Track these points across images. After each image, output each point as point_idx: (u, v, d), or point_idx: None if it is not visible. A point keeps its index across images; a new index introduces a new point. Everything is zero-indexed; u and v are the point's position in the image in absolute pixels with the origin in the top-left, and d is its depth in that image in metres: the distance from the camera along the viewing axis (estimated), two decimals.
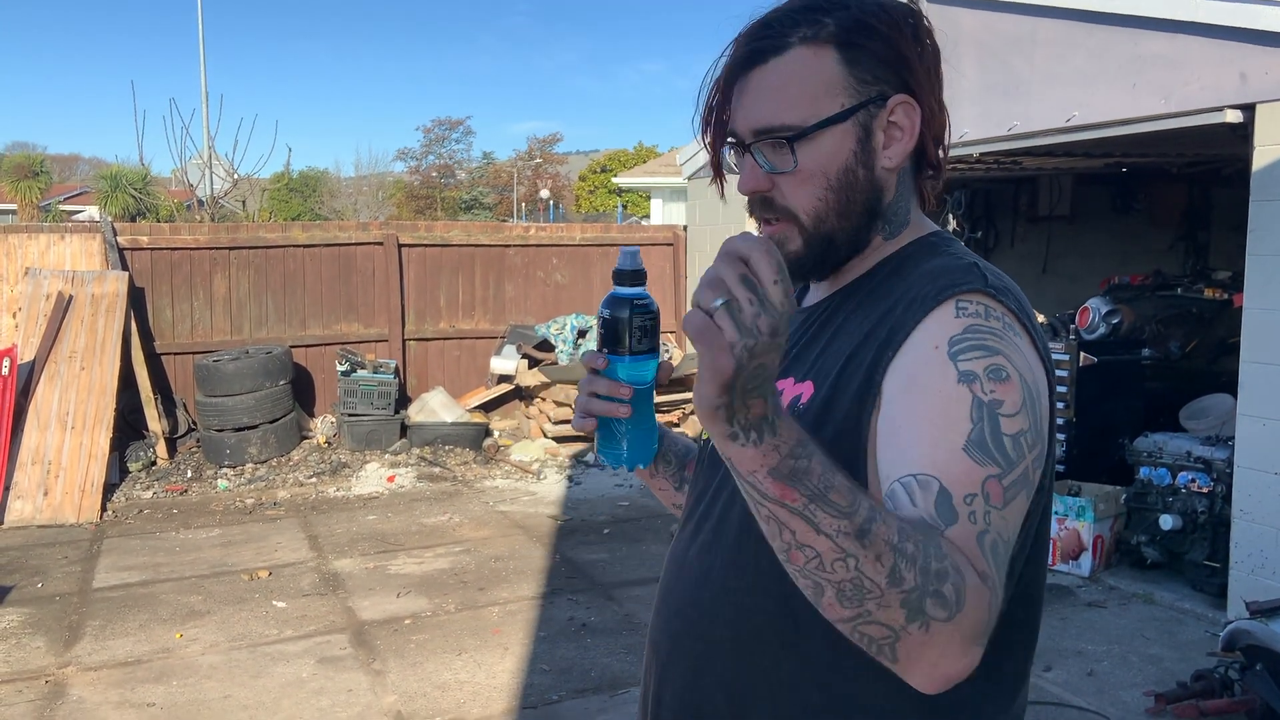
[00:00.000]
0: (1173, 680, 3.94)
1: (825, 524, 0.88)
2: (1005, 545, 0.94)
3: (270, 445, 7.79)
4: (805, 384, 1.13)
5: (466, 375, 9.24)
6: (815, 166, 1.11)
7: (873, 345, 1.07)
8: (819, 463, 0.90)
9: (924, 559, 0.88)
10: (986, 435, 0.96)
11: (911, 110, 1.12)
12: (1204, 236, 8.34)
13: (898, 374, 1.03)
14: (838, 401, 1.07)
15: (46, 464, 6.60)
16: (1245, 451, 4.61)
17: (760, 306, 0.84)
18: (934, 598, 0.88)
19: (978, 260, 1.11)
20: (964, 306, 1.03)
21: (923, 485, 0.94)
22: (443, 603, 5.00)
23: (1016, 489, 0.96)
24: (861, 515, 0.88)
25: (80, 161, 53.78)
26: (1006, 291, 1.07)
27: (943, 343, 1.01)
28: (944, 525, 0.92)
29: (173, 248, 8.21)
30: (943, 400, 0.98)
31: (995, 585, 0.91)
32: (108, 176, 18.84)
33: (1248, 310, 4.60)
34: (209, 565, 5.59)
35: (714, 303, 0.85)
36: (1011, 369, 1.00)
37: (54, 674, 4.18)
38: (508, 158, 54.40)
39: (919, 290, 1.07)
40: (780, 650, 1.08)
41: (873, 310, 1.11)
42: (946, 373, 0.99)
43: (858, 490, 0.91)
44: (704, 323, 0.84)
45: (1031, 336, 1.06)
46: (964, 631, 0.89)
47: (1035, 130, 5.58)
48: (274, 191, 25.89)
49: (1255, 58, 4.46)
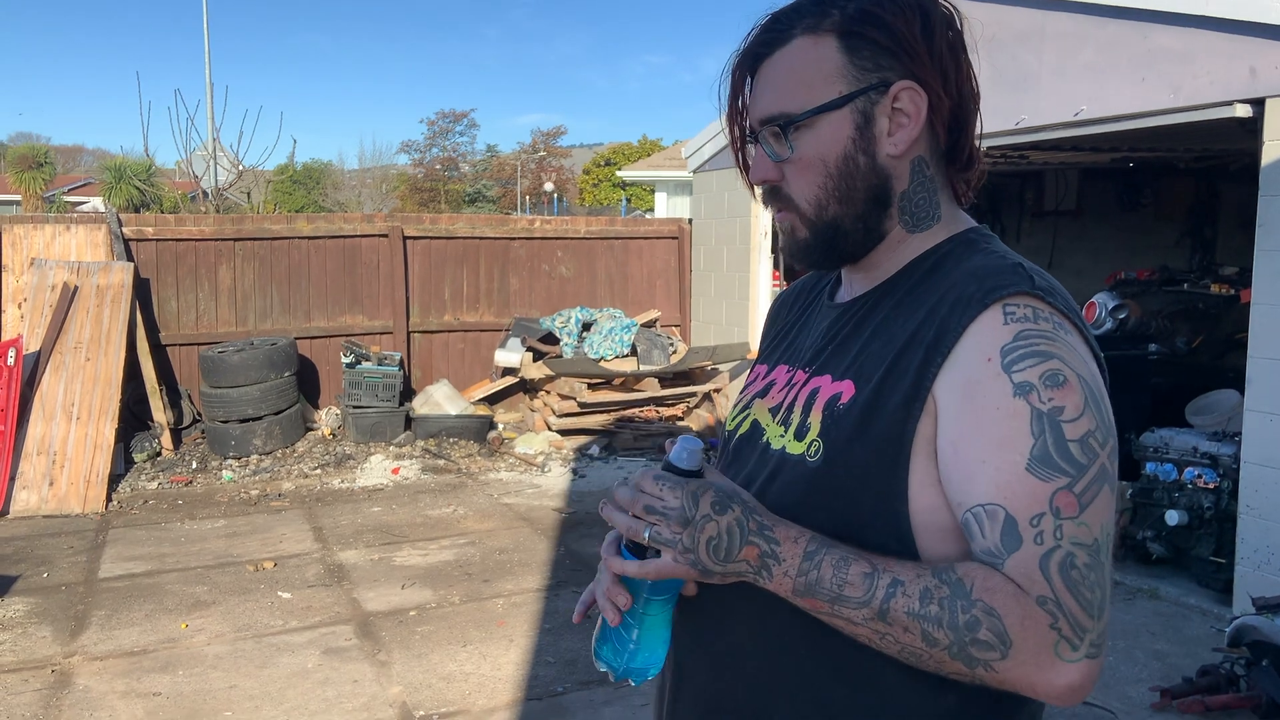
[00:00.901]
0: (1178, 676, 3.93)
1: (853, 616, 1.00)
2: (1088, 549, 0.96)
3: (275, 437, 7.80)
4: (844, 383, 1.12)
5: (471, 368, 9.25)
6: (813, 154, 1.12)
7: (919, 348, 1.05)
8: (829, 564, 1.01)
9: (951, 616, 0.95)
10: (1050, 447, 0.97)
11: (917, 96, 1.11)
12: (1210, 232, 8.33)
13: (952, 388, 1.02)
14: (883, 405, 1.06)
15: (52, 454, 6.61)
16: (1252, 447, 4.60)
17: (664, 516, 1.03)
18: (975, 646, 0.95)
19: (1022, 260, 1.10)
20: (1011, 311, 1.02)
21: (990, 515, 0.98)
22: (447, 594, 5.01)
23: (1095, 490, 0.97)
24: (879, 598, 0.98)
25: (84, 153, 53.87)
26: (1053, 291, 1.06)
27: (995, 354, 1.00)
28: (1006, 554, 0.96)
29: (178, 239, 8.21)
30: (1002, 417, 0.99)
31: (1062, 602, 0.94)
32: (112, 168, 18.88)
33: (1256, 305, 4.58)
34: (214, 556, 5.59)
35: (644, 534, 1.04)
36: (1068, 371, 1.00)
37: (60, 663, 4.19)
38: (512, 150, 54.36)
39: (964, 290, 1.06)
40: (803, 649, 1.08)
41: (916, 309, 1.10)
42: (1003, 387, 0.99)
43: (873, 570, 0.99)
44: (657, 565, 1.05)
45: (1083, 333, 1.06)
46: (1033, 658, 0.94)
47: (1043, 124, 5.56)
48: (278, 183, 25.90)
49: (1266, 52, 4.44)
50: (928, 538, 1.04)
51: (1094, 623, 0.95)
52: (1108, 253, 8.61)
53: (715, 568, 1.04)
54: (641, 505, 1.05)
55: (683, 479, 1.05)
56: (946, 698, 1.04)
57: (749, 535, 1.04)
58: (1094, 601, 0.95)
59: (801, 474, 1.10)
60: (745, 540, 1.03)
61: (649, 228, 10.26)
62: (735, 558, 1.03)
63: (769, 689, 1.12)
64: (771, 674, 1.12)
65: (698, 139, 9.11)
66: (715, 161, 8.76)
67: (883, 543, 1.04)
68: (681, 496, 1.03)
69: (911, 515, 1.04)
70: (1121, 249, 8.61)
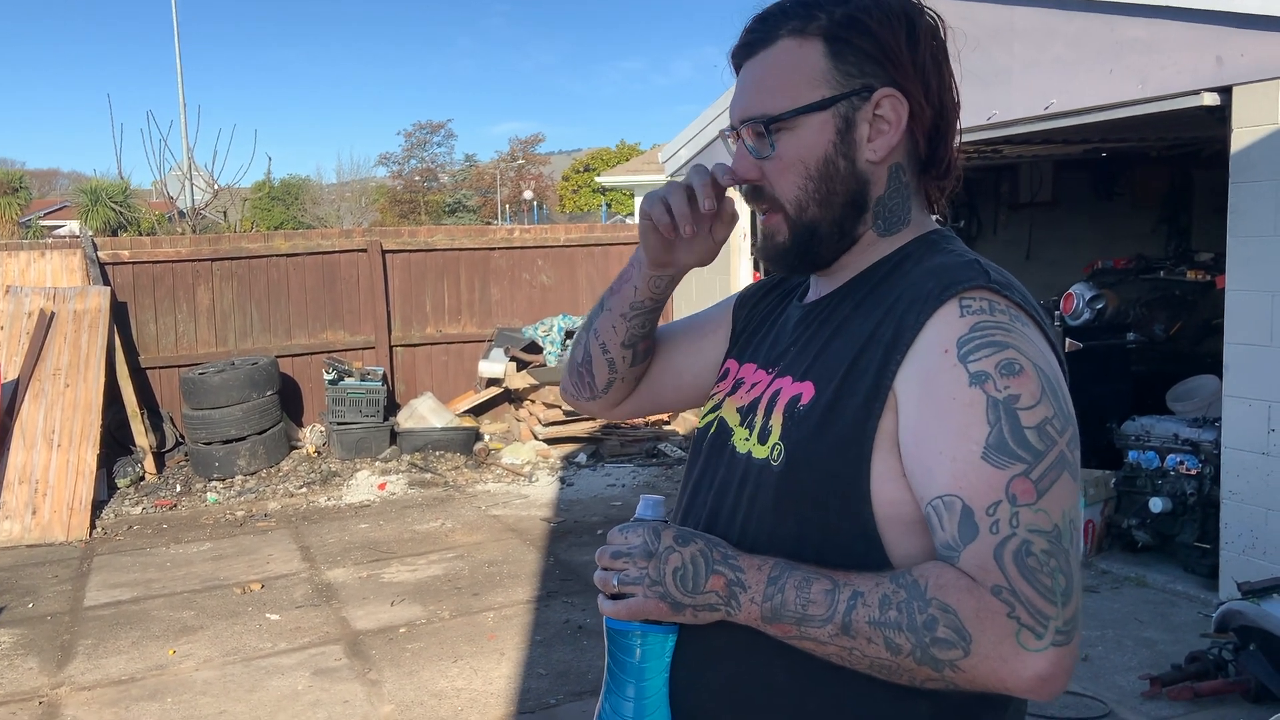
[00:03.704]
0: (1167, 663, 3.95)
1: (819, 636, 1.00)
2: (1047, 535, 0.95)
3: (259, 456, 7.75)
4: (805, 384, 1.12)
5: (455, 380, 9.22)
6: (794, 155, 1.13)
7: (879, 347, 1.06)
8: (791, 586, 1.01)
9: (909, 618, 0.95)
10: (1006, 434, 0.97)
11: (898, 104, 1.12)
12: (1185, 219, 8.37)
13: (912, 382, 1.03)
14: (843, 405, 1.06)
15: (34, 483, 6.56)
16: (1232, 432, 4.63)
17: (629, 555, 1.08)
18: (936, 646, 0.94)
19: (978, 257, 1.12)
20: (968, 304, 1.03)
21: (948, 506, 0.98)
22: (437, 610, 4.99)
23: (1054, 476, 0.97)
24: (840, 613, 0.98)
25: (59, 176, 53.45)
26: (1009, 286, 1.07)
27: (951, 345, 1.01)
28: (963, 545, 0.96)
29: (154, 261, 8.17)
30: (958, 407, 0.99)
31: (1018, 590, 0.93)
32: (88, 190, 18.76)
33: (1230, 292, 4.62)
34: (200, 580, 5.56)
35: (613, 582, 1.08)
36: (1024, 360, 1.00)
37: (47, 695, 4.15)
38: (490, 159, 54.30)
39: (921, 288, 1.07)
40: (777, 657, 1.08)
41: (875, 309, 1.11)
42: (959, 377, 1.00)
43: (834, 585, 0.99)
44: (628, 605, 1.08)
45: (1040, 326, 1.07)
46: (995, 650, 0.93)
47: (1015, 118, 5.59)
48: (256, 200, 25.79)
49: (1231, 40, 4.47)
50: (894, 533, 1.04)
51: (1057, 609, 0.94)
52: (1085, 242, 8.64)
53: (685, 600, 1.06)
54: (609, 553, 1.10)
55: (644, 523, 1.10)
56: (925, 707, 1.04)
57: (714, 564, 1.06)
58: (1055, 588, 0.94)
59: (768, 480, 1.11)
60: (711, 569, 1.05)
61: (629, 233, 10.26)
62: (703, 588, 1.05)
63: (745, 696, 1.12)
64: (748, 680, 1.12)
65: (674, 143, 9.10)
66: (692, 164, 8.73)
67: (850, 544, 1.05)
68: (644, 534, 1.09)
69: (876, 510, 1.04)
70: (1098, 238, 8.64)
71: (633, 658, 1.10)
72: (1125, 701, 3.78)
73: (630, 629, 1.10)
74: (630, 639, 1.10)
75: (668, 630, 1.10)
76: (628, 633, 1.10)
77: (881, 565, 1.04)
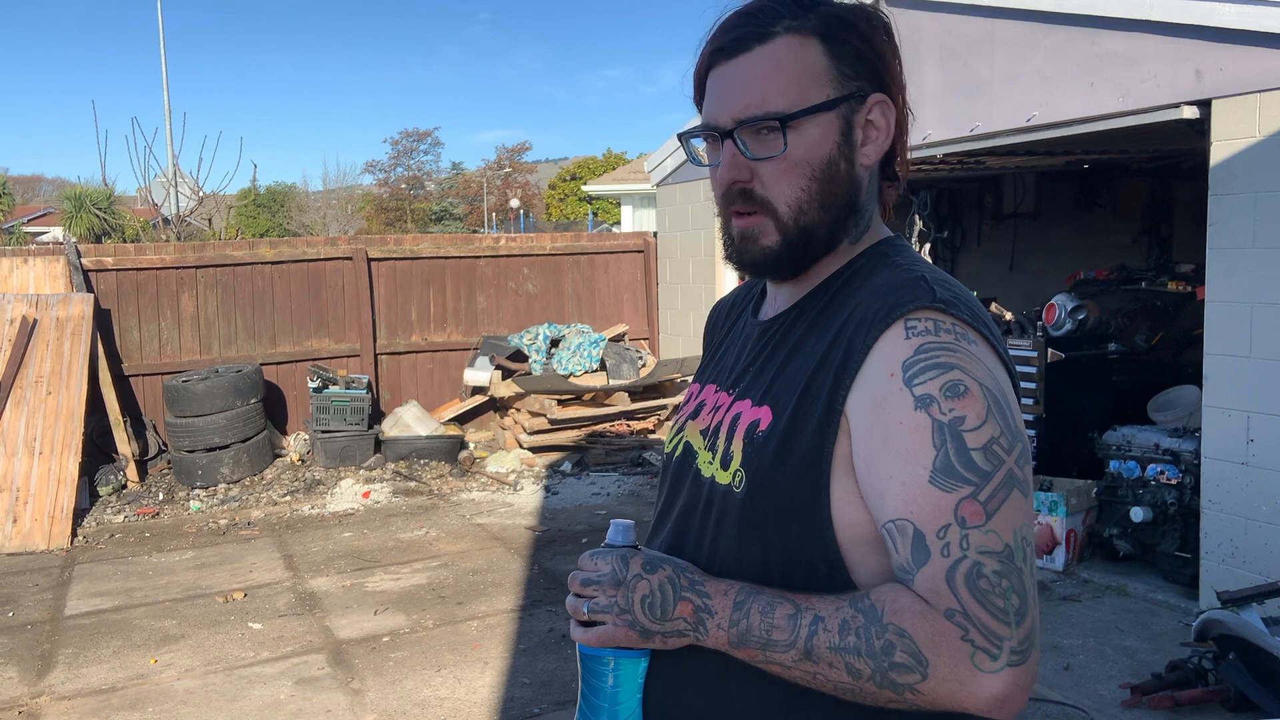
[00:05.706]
0: (1148, 671, 3.97)
1: (784, 660, 1.01)
2: (998, 556, 0.95)
3: (243, 465, 7.72)
4: (763, 409, 1.13)
5: (440, 388, 9.21)
6: (800, 155, 1.10)
7: (829, 371, 1.06)
8: (756, 610, 1.03)
9: (867, 643, 0.96)
10: (952, 457, 0.97)
11: (888, 110, 1.13)
12: (1166, 230, 8.45)
13: (862, 407, 1.03)
14: (799, 432, 1.07)
15: (15, 491, 6.51)
16: (1211, 442, 4.67)
17: (598, 583, 1.09)
18: (895, 670, 0.95)
19: (925, 273, 1.10)
20: (913, 325, 1.03)
21: (900, 530, 0.99)
22: (421, 619, 4.97)
23: (1002, 496, 0.97)
24: (802, 638, 1.00)
25: (43, 182, 53.20)
26: (955, 303, 1.06)
27: (897, 369, 1.02)
28: (916, 569, 0.97)
29: (138, 268, 8.13)
30: (905, 431, 0.99)
31: (970, 613, 0.94)
32: (72, 197, 18.67)
33: (1210, 303, 4.66)
34: (183, 588, 5.52)
35: (584, 610, 1.10)
36: (969, 380, 1.00)
37: (27, 704, 4.12)
38: (477, 168, 54.24)
39: (868, 309, 1.07)
40: (749, 680, 1.08)
41: (827, 329, 1.11)
42: (905, 401, 1.00)
43: (796, 610, 1.01)
44: (598, 632, 1.10)
45: (989, 341, 1.06)
46: (952, 673, 0.94)
47: (997, 130, 5.63)
48: (241, 208, 25.69)
49: (1210, 54, 4.52)
50: (857, 553, 1.05)
51: (1011, 630, 0.94)
52: (1067, 253, 8.71)
53: (654, 627, 1.07)
54: (579, 580, 1.11)
55: (614, 549, 1.12)
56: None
57: (682, 591, 1.07)
58: (1008, 609, 0.94)
59: (731, 505, 1.11)
60: (679, 596, 1.07)
61: (614, 242, 10.28)
62: (671, 615, 1.07)
63: (715, 717, 1.12)
64: (718, 700, 1.12)
65: (660, 153, 9.14)
66: (678, 175, 8.79)
67: (813, 567, 1.05)
68: (612, 561, 1.10)
69: (838, 533, 1.05)
70: (1080, 249, 8.71)
71: (606, 683, 1.11)
72: (1106, 710, 3.80)
73: (603, 655, 1.11)
74: (603, 665, 1.11)
75: (640, 655, 1.11)
76: (600, 658, 1.11)
77: (846, 586, 1.04)
